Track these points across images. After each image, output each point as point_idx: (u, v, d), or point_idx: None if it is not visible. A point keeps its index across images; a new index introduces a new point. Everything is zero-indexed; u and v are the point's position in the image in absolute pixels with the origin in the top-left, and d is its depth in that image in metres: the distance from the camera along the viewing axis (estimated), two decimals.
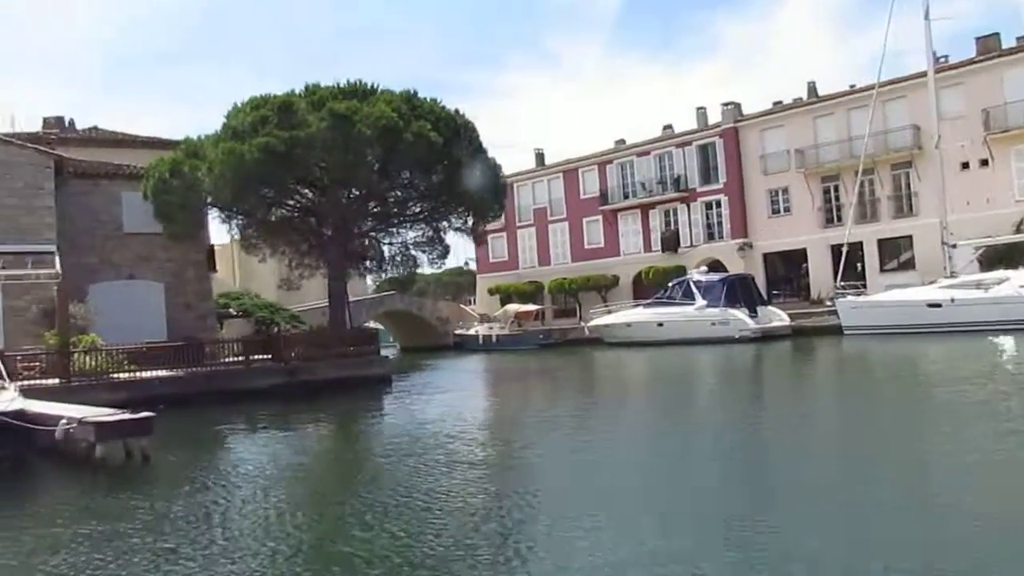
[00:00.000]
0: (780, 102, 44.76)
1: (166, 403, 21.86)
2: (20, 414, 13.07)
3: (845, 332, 33.04)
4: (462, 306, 56.21)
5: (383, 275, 33.89)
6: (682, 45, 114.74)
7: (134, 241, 28.34)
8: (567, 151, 46.64)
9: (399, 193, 30.03)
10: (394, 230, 33.04)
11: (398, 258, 33.71)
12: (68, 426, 12.63)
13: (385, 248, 33.98)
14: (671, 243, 45.08)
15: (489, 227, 53.96)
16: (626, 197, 47.19)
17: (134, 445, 12.55)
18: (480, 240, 32.14)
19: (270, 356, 25.41)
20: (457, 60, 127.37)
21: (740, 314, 35.09)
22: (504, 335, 45.81)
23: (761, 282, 42.17)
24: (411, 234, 33.38)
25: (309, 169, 25.86)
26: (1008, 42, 36.63)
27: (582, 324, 43.51)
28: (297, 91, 26.80)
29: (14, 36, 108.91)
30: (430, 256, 33.32)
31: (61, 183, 27.50)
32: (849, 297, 33.71)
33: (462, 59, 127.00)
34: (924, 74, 36.32)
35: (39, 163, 25.14)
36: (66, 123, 37.12)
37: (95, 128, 37.44)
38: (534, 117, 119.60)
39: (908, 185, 37.37)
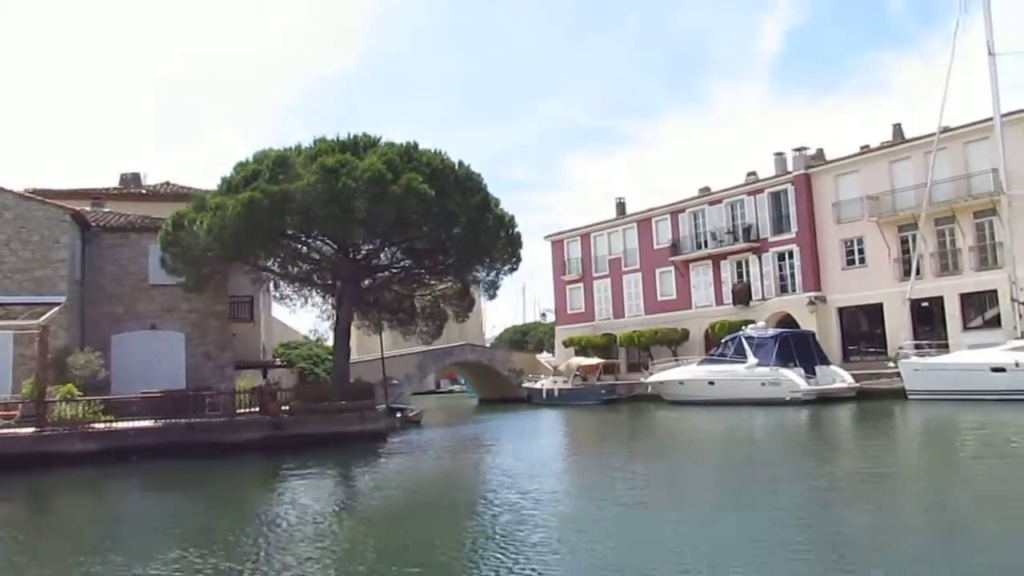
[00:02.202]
0: (867, 146, 41.58)
1: (139, 454, 22.46)
2: None
3: (909, 396, 29.81)
4: (537, 357, 55.14)
5: (414, 328, 33.29)
6: (847, 88, 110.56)
7: (158, 292, 29.27)
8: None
9: (418, 247, 29.74)
10: (426, 281, 32.88)
11: (427, 310, 33.49)
12: None
13: (417, 301, 33.89)
14: (742, 296, 42.43)
15: (567, 278, 53.68)
16: (699, 247, 44.99)
17: None
18: (492, 294, 31.22)
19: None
20: (614, 109, 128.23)
21: (792, 374, 32.30)
22: (566, 389, 44.36)
23: (835, 338, 39.01)
24: (441, 287, 33.16)
25: (301, 223, 25.89)
26: None
27: (642, 380, 41.51)
28: (305, 145, 27.24)
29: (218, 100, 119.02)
30: (456, 310, 32.82)
31: (92, 236, 29.00)
32: (913, 358, 30.39)
33: (619, 108, 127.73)
34: (1010, 114, 33.00)
35: (55, 217, 26.47)
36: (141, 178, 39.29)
37: (167, 183, 39.27)
38: (690, 166, 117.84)
39: (992, 235, 33.50)
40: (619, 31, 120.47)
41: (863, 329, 39.62)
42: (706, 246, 44.50)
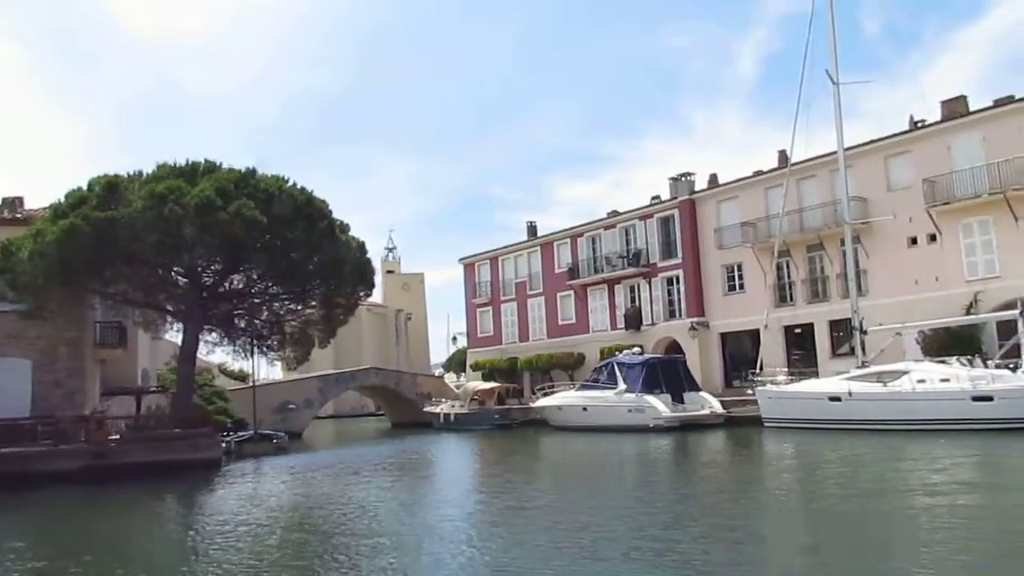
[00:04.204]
0: (760, 171, 41.90)
1: None
2: None
3: (765, 424, 29.88)
4: (446, 381, 54.87)
5: (283, 354, 33.10)
6: (821, 111, 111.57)
7: (3, 319, 28.75)
8: None
9: (274, 272, 29.52)
10: (290, 306, 32.72)
11: (295, 336, 33.28)
12: None
13: (287, 327, 33.67)
14: (634, 321, 42.50)
15: (477, 301, 53.61)
16: (595, 272, 45.06)
17: None
18: (342, 320, 31.14)
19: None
20: (595, 130, 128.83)
21: (655, 401, 32.26)
22: (461, 414, 44.10)
23: (717, 364, 39.21)
24: (307, 312, 32.98)
25: (133, 249, 25.62)
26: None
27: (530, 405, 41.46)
28: (147, 171, 27.08)
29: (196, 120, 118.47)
30: (321, 335, 32.64)
31: None
32: (768, 386, 30.51)
33: (599, 129, 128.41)
34: (870, 142, 33.53)
35: None
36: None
37: (48, 207, 38.74)
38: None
39: (857, 261, 33.74)
40: (596, 55, 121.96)
41: (749, 355, 39.73)
42: (602, 271, 44.56)
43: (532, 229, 53.04)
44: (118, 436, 25.58)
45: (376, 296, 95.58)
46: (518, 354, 49.33)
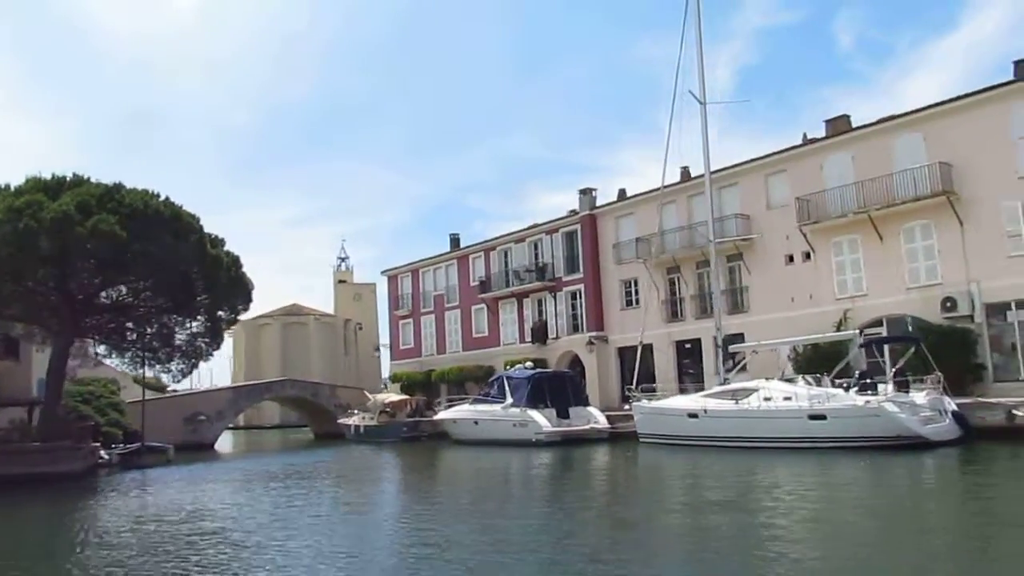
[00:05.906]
0: (668, 186, 42.50)
1: None
2: None
3: (640, 439, 30.31)
4: (366, 393, 54.92)
5: (172, 366, 33.16)
6: (799, 122, 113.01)
7: None
8: None
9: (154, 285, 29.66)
10: (184, 321, 32.82)
11: (184, 348, 33.37)
12: None
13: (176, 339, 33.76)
14: (540, 334, 42.93)
15: (399, 313, 53.86)
16: (506, 285, 45.43)
17: None
18: (218, 335, 31.35)
19: None
20: (573, 140, 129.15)
21: (538, 415, 32.61)
22: (370, 426, 44.29)
23: (615, 378, 39.67)
24: (193, 324, 33.10)
25: None
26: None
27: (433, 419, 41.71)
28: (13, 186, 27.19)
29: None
30: (208, 348, 32.79)
31: None
32: (642, 402, 30.96)
33: (578, 139, 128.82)
34: (751, 160, 34.24)
35: None
36: None
37: None
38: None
39: (740, 278, 34.43)
40: (575, 66, 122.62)
41: (650, 370, 40.20)
42: (512, 284, 44.94)
43: (455, 241, 53.33)
44: None
45: (327, 306, 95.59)
46: (435, 366, 49.62)
